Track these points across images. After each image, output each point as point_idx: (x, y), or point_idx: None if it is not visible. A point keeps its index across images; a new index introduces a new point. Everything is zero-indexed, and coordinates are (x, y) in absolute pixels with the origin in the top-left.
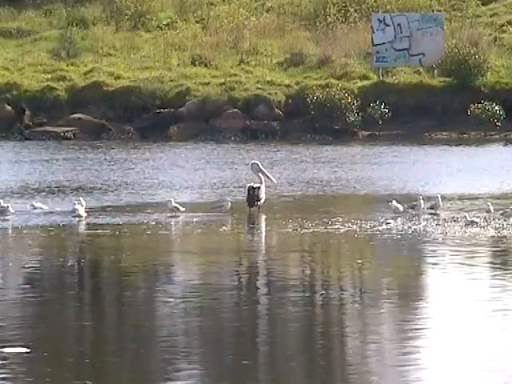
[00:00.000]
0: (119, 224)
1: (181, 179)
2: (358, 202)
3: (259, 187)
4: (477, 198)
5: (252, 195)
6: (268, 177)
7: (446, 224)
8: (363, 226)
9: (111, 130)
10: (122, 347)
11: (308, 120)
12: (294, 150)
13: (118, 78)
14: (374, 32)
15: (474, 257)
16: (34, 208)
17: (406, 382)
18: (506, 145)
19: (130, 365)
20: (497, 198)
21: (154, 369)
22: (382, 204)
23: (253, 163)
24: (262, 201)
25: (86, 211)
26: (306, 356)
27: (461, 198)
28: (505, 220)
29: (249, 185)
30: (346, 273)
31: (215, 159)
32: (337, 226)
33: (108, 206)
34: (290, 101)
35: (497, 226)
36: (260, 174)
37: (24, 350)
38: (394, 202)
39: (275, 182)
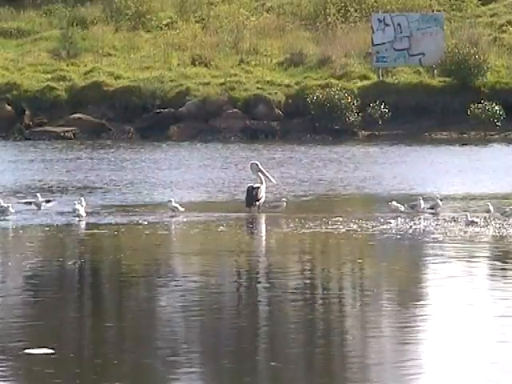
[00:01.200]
0: (119, 224)
1: (181, 179)
2: (358, 201)
3: (259, 187)
4: (477, 198)
5: (251, 195)
6: (267, 177)
7: (445, 224)
8: (363, 225)
9: (111, 130)
10: (148, 347)
11: (308, 120)
12: (293, 150)
13: (118, 78)
14: (373, 32)
15: (474, 257)
16: (31, 203)
17: (406, 381)
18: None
19: (159, 365)
20: (497, 198)
21: (183, 368)
22: (382, 204)
23: (252, 163)
24: (262, 201)
25: (85, 211)
26: (306, 354)
27: (461, 198)
28: (505, 220)
29: (249, 185)
30: (346, 272)
31: (215, 159)
32: (337, 226)
33: (108, 206)
34: (289, 101)
35: (497, 225)
36: (260, 174)
37: (48, 351)
38: (394, 202)
39: (274, 182)
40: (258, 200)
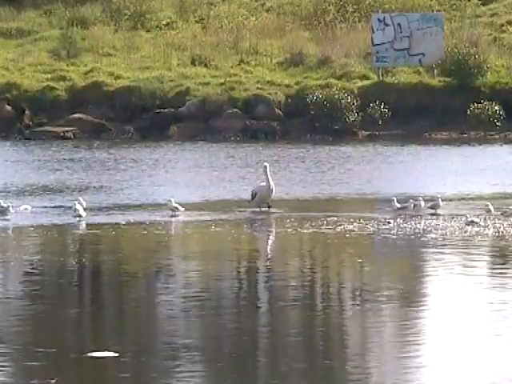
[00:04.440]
0: (119, 224)
1: (181, 179)
2: (358, 201)
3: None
4: (477, 198)
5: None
6: (268, 181)
7: (445, 224)
8: (363, 225)
9: (111, 130)
10: (216, 350)
11: (308, 120)
12: (293, 150)
13: (118, 78)
14: (373, 32)
15: (473, 256)
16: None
17: (405, 381)
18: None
19: (229, 368)
20: (497, 198)
21: (253, 371)
22: (382, 204)
23: (264, 165)
24: (254, 200)
25: (85, 211)
26: (306, 353)
27: (461, 198)
28: (505, 220)
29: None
30: (346, 272)
31: (215, 159)
32: (336, 226)
33: (108, 206)
34: (289, 101)
35: (497, 225)
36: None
37: (112, 354)
38: (394, 202)
39: (272, 188)
40: (252, 199)
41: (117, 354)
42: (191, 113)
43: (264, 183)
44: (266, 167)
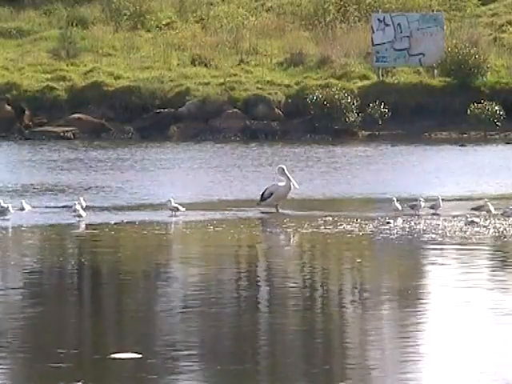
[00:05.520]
0: (119, 224)
1: (180, 179)
2: (358, 201)
3: (267, 188)
4: (477, 198)
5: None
6: (290, 180)
7: (445, 224)
8: (363, 225)
9: (111, 130)
10: (242, 351)
11: (308, 120)
12: (293, 150)
13: (118, 78)
14: (373, 32)
15: (473, 257)
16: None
17: (405, 381)
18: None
19: (251, 370)
20: (497, 198)
21: (285, 373)
22: (382, 204)
23: (279, 167)
24: (268, 200)
25: (85, 211)
26: (306, 353)
27: (461, 198)
28: (505, 220)
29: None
30: (345, 272)
31: (215, 159)
32: (336, 226)
33: (108, 206)
34: (289, 101)
35: (497, 225)
36: (285, 177)
37: (135, 355)
38: (394, 202)
39: (297, 186)
40: (263, 200)
41: (140, 356)
42: (191, 113)
43: (283, 183)
44: (283, 169)
